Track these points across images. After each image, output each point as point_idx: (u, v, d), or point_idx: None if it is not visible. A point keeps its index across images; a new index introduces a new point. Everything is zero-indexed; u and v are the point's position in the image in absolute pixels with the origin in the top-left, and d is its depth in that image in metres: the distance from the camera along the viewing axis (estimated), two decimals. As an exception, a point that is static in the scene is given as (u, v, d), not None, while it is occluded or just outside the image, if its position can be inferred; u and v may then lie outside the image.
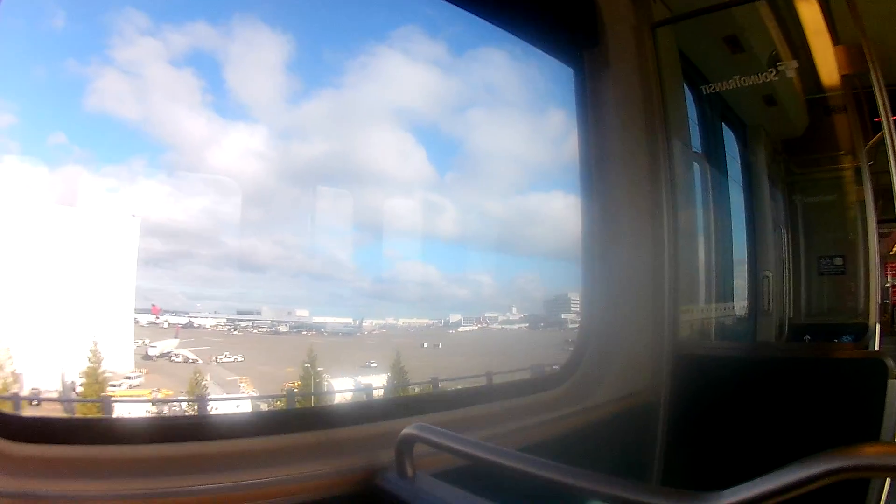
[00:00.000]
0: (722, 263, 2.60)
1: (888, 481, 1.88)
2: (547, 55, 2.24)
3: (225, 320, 3.18)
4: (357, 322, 3.63)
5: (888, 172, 2.23)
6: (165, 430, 1.20)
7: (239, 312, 3.25)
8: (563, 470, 0.93)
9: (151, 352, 2.81)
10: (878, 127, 2.66)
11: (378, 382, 3.30)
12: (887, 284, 2.54)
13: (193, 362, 2.93)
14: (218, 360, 3.05)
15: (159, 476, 1.06)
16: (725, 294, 2.75)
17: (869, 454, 0.66)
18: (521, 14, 2.00)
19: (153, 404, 2.61)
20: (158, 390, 2.64)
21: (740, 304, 2.80)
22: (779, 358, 2.26)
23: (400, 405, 1.90)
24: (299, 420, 1.38)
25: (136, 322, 2.78)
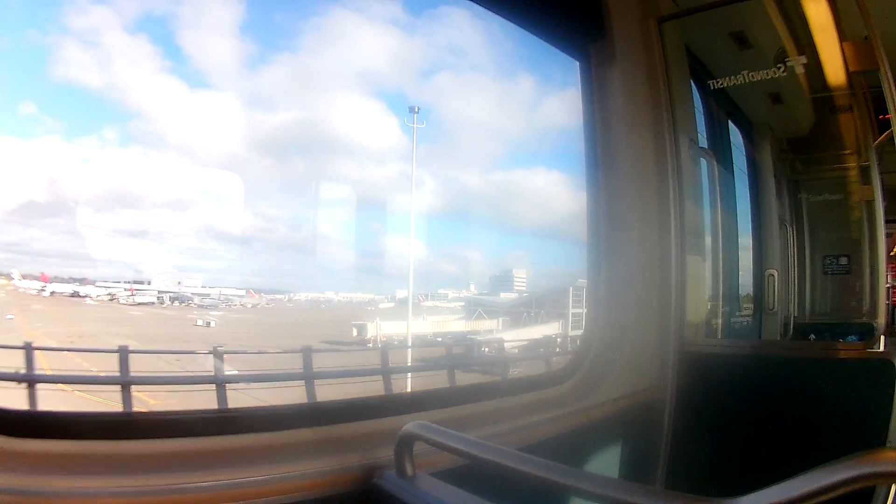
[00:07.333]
0: (728, 261, 2.58)
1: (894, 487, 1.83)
2: (553, 47, 2.21)
3: (123, 289, 3.20)
4: (220, 294, 3.62)
5: (896, 172, 2.20)
6: (160, 426, 1.17)
7: (135, 282, 3.28)
8: (567, 472, 0.90)
9: None
10: (884, 125, 2.64)
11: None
12: (887, 285, 2.51)
13: None
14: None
15: (154, 473, 1.04)
16: (731, 292, 2.72)
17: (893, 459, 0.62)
18: (528, 6, 1.97)
19: None
20: None
21: (746, 303, 2.77)
22: (786, 357, 2.23)
23: (401, 401, 1.86)
24: (297, 416, 1.35)
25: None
